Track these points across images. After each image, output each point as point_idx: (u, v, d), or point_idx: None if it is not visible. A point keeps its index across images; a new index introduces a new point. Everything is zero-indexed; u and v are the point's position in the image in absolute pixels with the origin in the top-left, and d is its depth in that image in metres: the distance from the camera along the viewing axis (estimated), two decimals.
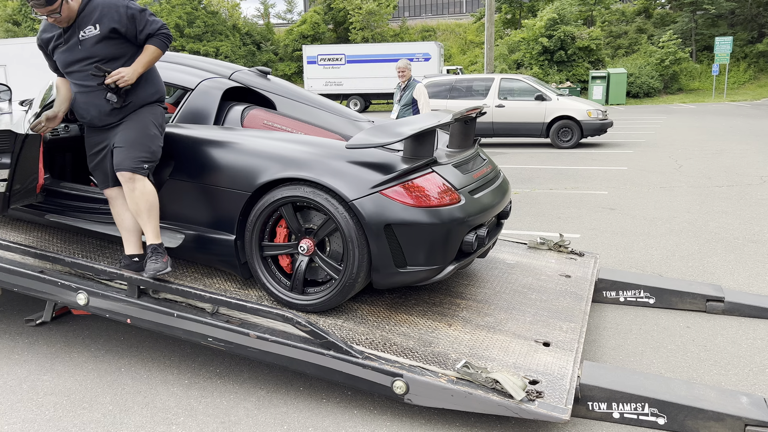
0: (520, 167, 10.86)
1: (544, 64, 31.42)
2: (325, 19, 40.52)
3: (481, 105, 3.87)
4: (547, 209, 7.42)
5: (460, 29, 42.12)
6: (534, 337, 3.18)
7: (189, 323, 3.10)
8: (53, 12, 2.93)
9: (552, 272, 4.18)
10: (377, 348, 2.91)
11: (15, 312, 4.40)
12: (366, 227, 2.97)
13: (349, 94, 28.51)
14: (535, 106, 13.35)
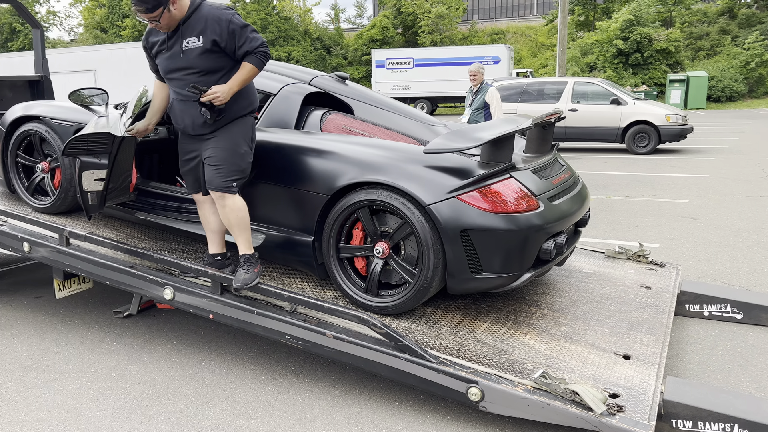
0: (594, 173, 10.56)
1: (618, 67, 30.43)
2: (395, 23, 40.75)
3: (558, 110, 3.79)
4: (623, 217, 7.19)
5: (531, 32, 41.40)
6: (613, 350, 3.09)
7: (268, 321, 3.20)
8: (153, 19, 3.02)
9: (631, 283, 4.04)
10: (452, 353, 2.91)
11: (105, 304, 4.66)
12: (442, 232, 2.97)
13: (417, 98, 28.54)
14: (610, 110, 12.96)
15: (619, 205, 7.91)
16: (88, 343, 3.99)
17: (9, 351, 3.89)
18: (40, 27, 6.63)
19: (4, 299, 4.87)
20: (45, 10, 48.52)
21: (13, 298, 4.89)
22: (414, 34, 40.10)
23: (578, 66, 31.63)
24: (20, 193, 4.33)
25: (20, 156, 4.32)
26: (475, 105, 7.17)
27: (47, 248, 3.87)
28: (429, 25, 38.05)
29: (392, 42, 40.04)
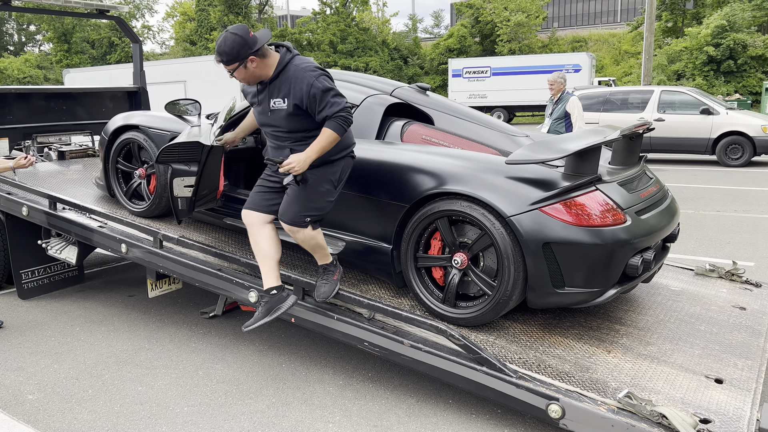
0: (682, 186, 10.08)
1: (708, 74, 28.92)
2: (472, 33, 40.56)
3: (648, 121, 3.66)
4: (714, 233, 6.82)
5: (614, 39, 40.11)
6: (704, 372, 2.94)
7: (347, 327, 3.25)
8: (230, 71, 3.02)
9: (723, 303, 3.83)
10: (531, 369, 2.85)
11: (192, 304, 4.88)
12: (523, 244, 2.93)
13: (493, 107, 28.23)
14: (699, 120, 12.34)
15: (710, 220, 7.51)
16: (176, 341, 4.19)
17: (106, 345, 4.15)
18: (139, 41, 7.07)
19: (102, 296, 5.20)
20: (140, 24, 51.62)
21: (110, 295, 5.22)
22: (492, 42, 39.74)
23: (665, 74, 30.31)
24: (119, 197, 4.62)
25: (120, 163, 4.61)
26: (555, 115, 7.01)
27: (142, 250, 4.10)
28: (508, 33, 37.61)
29: (469, 51, 39.84)
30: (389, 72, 40.36)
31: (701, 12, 33.14)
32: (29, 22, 51.24)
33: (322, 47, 40.26)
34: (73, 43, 44.69)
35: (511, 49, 37.47)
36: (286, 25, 47.16)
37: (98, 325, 4.53)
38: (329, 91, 2.93)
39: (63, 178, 5.46)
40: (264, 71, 3.02)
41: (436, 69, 40.29)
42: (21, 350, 4.10)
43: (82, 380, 3.63)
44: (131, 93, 7.16)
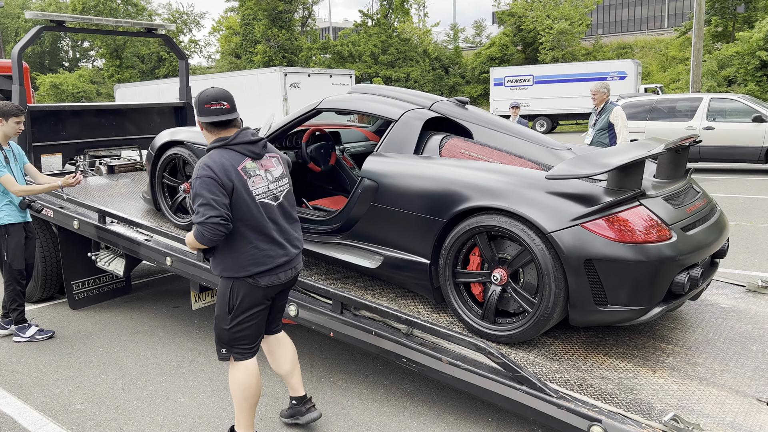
0: (733, 196, 9.74)
1: (762, 80, 27.90)
2: (514, 41, 40.26)
3: (692, 131, 3.55)
4: (767, 246, 6.55)
5: (661, 45, 39.17)
6: (756, 395, 2.82)
7: (386, 342, 3.25)
8: None
9: None
10: (573, 388, 2.79)
11: None
12: (564, 261, 2.87)
13: (536, 115, 27.91)
14: (752, 128, 11.91)
15: (763, 232, 7.22)
16: None
17: (151, 356, 4.26)
18: (186, 58, 7.27)
19: (148, 307, 5.34)
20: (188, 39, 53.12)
21: (155, 307, 5.35)
22: (534, 51, 39.34)
23: (714, 80, 29.41)
24: (165, 211, 4.75)
25: (166, 177, 4.74)
26: (599, 125, 6.88)
27: (187, 263, 4.20)
28: (551, 41, 37.17)
29: (511, 59, 39.53)
30: (430, 82, 40.37)
31: (753, 15, 32.07)
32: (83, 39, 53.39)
33: (364, 58, 40.60)
34: (125, 59, 46.31)
35: (554, 56, 37.00)
36: (329, 37, 47.78)
37: (144, 336, 4.64)
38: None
39: (112, 192, 5.64)
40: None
41: (477, 78, 40.11)
42: (71, 360, 4.24)
43: (128, 391, 3.73)
44: (177, 108, 7.36)
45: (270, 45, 40.78)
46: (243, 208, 2.70)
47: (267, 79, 18.39)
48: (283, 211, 2.87)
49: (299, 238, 2.96)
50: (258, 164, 2.79)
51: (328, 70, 20.52)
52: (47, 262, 5.38)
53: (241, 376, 2.84)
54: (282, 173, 2.91)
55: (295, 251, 2.91)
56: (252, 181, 2.74)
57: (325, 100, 4.23)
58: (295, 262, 2.91)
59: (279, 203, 2.84)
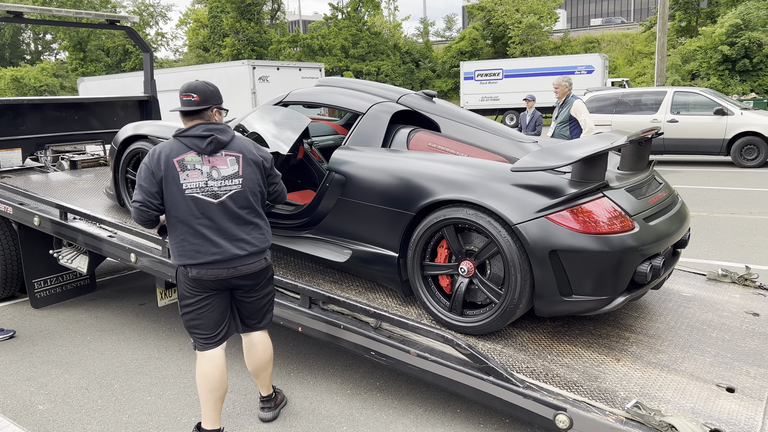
0: (696, 188, 9.97)
1: (723, 74, 28.61)
2: (484, 35, 40.48)
3: (656, 124, 3.62)
4: (728, 236, 6.73)
5: (627, 39, 39.81)
6: (715, 381, 2.89)
7: (354, 336, 3.24)
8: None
9: (736, 309, 3.77)
10: (539, 378, 2.83)
11: None
12: (530, 252, 2.90)
13: (505, 109, 28.14)
14: (714, 121, 12.21)
15: (724, 222, 7.41)
16: (186, 350, 4.21)
17: (116, 354, 4.18)
18: (150, 51, 7.13)
19: (113, 305, 5.24)
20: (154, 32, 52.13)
21: (120, 304, 5.26)
22: (504, 45, 39.63)
23: (679, 74, 30.04)
24: (129, 206, 4.65)
25: (129, 172, 4.65)
26: (560, 118, 6.97)
27: (151, 259, 4.13)
28: (519, 35, 37.49)
29: (481, 54, 39.76)
30: (401, 76, 40.37)
31: (715, 11, 32.83)
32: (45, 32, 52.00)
33: (334, 52, 40.39)
34: (89, 52, 45.25)
35: (523, 51, 37.34)
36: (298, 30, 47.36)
37: (109, 334, 4.56)
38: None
39: (74, 188, 5.51)
40: None
41: (448, 72, 40.25)
42: (33, 360, 4.14)
43: (92, 390, 3.66)
44: (142, 102, 7.22)
45: (239, 38, 40.28)
46: (170, 200, 2.75)
47: (235, 73, 18.16)
48: (227, 211, 2.77)
49: (250, 241, 2.83)
50: (204, 159, 2.75)
51: (297, 64, 20.36)
52: (7, 260, 5.23)
53: (204, 367, 2.86)
54: (234, 173, 2.78)
55: (238, 252, 2.79)
56: (186, 174, 2.72)
57: (291, 93, 4.20)
58: (236, 262, 2.80)
59: (220, 202, 2.75)
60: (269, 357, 3.12)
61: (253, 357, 3.08)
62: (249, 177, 2.83)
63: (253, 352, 3.08)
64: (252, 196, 2.84)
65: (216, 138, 2.78)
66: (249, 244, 2.83)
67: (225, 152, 2.80)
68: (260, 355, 3.08)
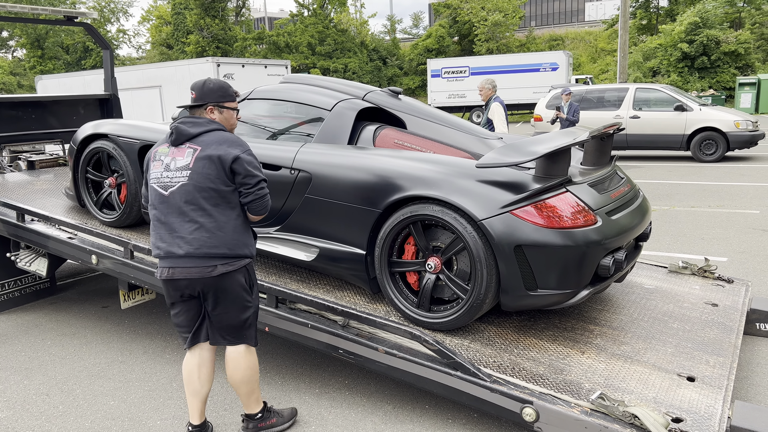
0: (658, 182, 10.21)
1: (683, 71, 29.33)
2: (450, 33, 40.68)
3: (617, 120, 3.69)
4: (688, 229, 6.90)
5: (591, 37, 40.48)
6: (677, 371, 2.96)
7: (322, 334, 3.23)
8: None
9: (696, 300, 3.87)
10: (506, 372, 2.85)
11: (167, 315, 4.82)
12: (495, 248, 2.93)
13: (472, 106, 28.35)
14: (674, 117, 12.50)
15: (684, 216, 7.60)
16: (150, 352, 4.13)
17: (78, 359, 4.08)
18: (110, 48, 6.97)
19: (74, 308, 5.11)
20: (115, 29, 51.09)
21: (82, 307, 5.13)
22: (470, 42, 39.90)
23: (640, 71, 30.69)
24: (89, 207, 4.55)
25: (89, 172, 4.54)
26: (483, 120, 7.06)
27: (113, 261, 4.04)
28: (485, 33, 37.78)
29: (448, 51, 39.95)
30: (368, 73, 40.31)
31: (675, 9, 33.60)
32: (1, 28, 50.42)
33: (300, 49, 40.11)
34: (47, 49, 44.04)
35: (489, 48, 37.64)
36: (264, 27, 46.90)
37: (70, 339, 4.45)
38: None
39: (32, 189, 5.36)
40: None
41: (415, 69, 40.33)
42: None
43: (53, 396, 3.56)
44: (102, 100, 7.06)
45: (203, 35, 39.68)
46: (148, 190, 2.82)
47: (199, 70, 17.89)
48: (172, 204, 2.67)
49: (189, 241, 2.65)
50: (170, 150, 2.75)
51: (263, 61, 20.15)
52: None
53: (184, 362, 2.92)
54: (185, 165, 2.66)
55: (175, 249, 2.66)
56: (153, 164, 2.78)
57: (255, 90, 4.15)
58: (174, 261, 2.67)
59: (170, 193, 2.67)
60: (240, 378, 2.88)
61: (226, 372, 2.92)
62: (199, 171, 2.64)
63: (226, 367, 2.91)
64: (199, 191, 2.64)
65: (178, 128, 2.72)
66: (187, 243, 2.65)
67: (188, 144, 2.71)
68: (229, 373, 2.89)
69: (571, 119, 10.91)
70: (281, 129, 4.32)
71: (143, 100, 19.05)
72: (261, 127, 4.24)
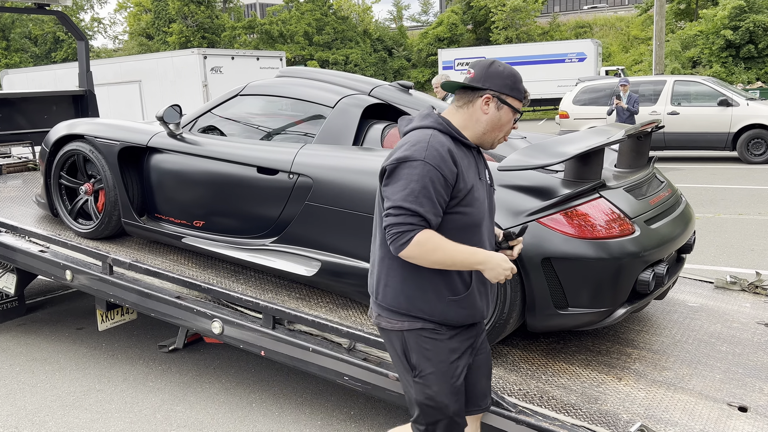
0: (700, 186, 10.19)
1: (727, 61, 29.36)
2: (464, 20, 40.88)
3: (654, 116, 3.69)
4: (736, 239, 6.89)
5: (622, 23, 40.62)
6: (726, 399, 2.95)
7: (325, 359, 3.23)
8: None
9: (747, 319, 3.86)
10: (533, 401, 2.85)
11: (149, 337, 4.84)
12: (519, 261, 2.93)
13: None
14: (717, 113, 12.50)
15: (731, 224, 7.59)
16: (131, 379, 4.15)
17: (50, 387, 4.10)
18: (85, 39, 7.04)
19: (46, 330, 5.14)
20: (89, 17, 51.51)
21: (55, 329, 5.16)
22: (486, 30, 40.07)
23: (679, 61, 30.73)
24: (63, 216, 4.58)
25: (63, 177, 4.57)
26: None
27: (90, 276, 4.06)
28: (503, 20, 37.93)
29: (461, 40, 40.13)
30: (372, 65, 40.51)
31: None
32: None
33: (296, 39, 40.37)
34: (12, 40, 44.43)
35: (508, 37, 37.78)
36: (255, 14, 47.28)
37: (42, 364, 4.47)
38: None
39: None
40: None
41: (424, 61, 40.51)
42: None
43: (23, 429, 3.58)
44: (77, 97, 7.12)
45: (187, 24, 39.99)
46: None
47: (183, 63, 18.02)
48: None
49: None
50: None
51: (255, 52, 20.30)
52: None
53: None
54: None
55: None
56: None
57: (249, 85, 4.18)
58: None
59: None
60: None
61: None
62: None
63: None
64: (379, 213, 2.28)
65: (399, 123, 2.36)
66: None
67: None
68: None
69: (632, 109, 11.16)
70: (278, 128, 4.35)
71: (121, 96, 19.18)
72: (255, 127, 4.27)
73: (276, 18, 41.29)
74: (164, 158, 4.12)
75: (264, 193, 3.73)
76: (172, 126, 4.04)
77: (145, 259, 4.11)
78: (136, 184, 4.27)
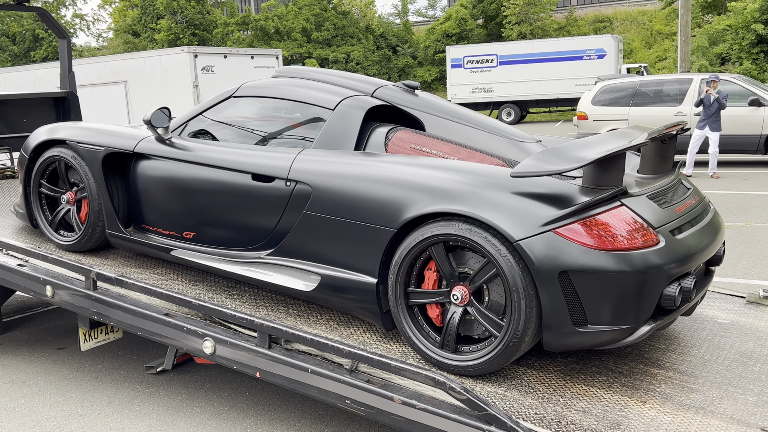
0: (731, 193, 10.18)
1: (758, 57, 29.37)
2: (474, 14, 41.03)
3: (679, 117, 3.70)
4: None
5: (644, 17, 40.70)
6: (760, 424, 2.94)
7: (325, 381, 3.24)
8: None
9: None
10: (550, 427, 2.85)
11: (135, 357, 4.85)
12: (535, 274, 2.94)
13: (501, 102, 28.51)
14: (748, 113, 12.50)
15: (764, 234, 7.57)
16: (116, 403, 4.15)
17: (29, 412, 4.11)
18: (67, 37, 7.10)
19: (24, 350, 5.15)
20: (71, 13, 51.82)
21: (34, 349, 5.17)
22: (498, 25, 40.20)
23: (706, 58, 30.76)
24: (43, 228, 4.60)
25: (44, 186, 4.60)
26: None
27: (72, 292, 4.08)
28: (516, 14, 38.05)
29: (471, 36, 40.26)
30: (375, 64, 40.65)
31: None
32: None
33: (294, 36, 40.56)
34: None
35: (521, 32, 37.88)
36: (249, 9, 47.52)
37: (20, 387, 4.48)
38: None
39: None
40: None
41: (431, 59, 40.64)
42: None
43: None
44: (58, 99, 7.17)
45: (176, 20, 40.20)
46: None
47: (172, 62, 18.13)
48: None
49: None
50: None
51: (249, 50, 20.41)
52: None
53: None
54: None
55: None
56: None
57: (243, 86, 4.21)
58: None
59: None
60: None
61: None
62: None
63: None
64: None
65: None
66: None
67: None
68: None
69: (722, 102, 11.49)
70: (274, 132, 4.38)
71: (106, 98, 19.31)
72: (249, 131, 4.30)
73: (272, 13, 41.49)
74: (152, 165, 4.15)
75: (259, 201, 3.75)
76: (160, 130, 4.07)
77: (132, 273, 4.13)
78: (122, 193, 4.29)
